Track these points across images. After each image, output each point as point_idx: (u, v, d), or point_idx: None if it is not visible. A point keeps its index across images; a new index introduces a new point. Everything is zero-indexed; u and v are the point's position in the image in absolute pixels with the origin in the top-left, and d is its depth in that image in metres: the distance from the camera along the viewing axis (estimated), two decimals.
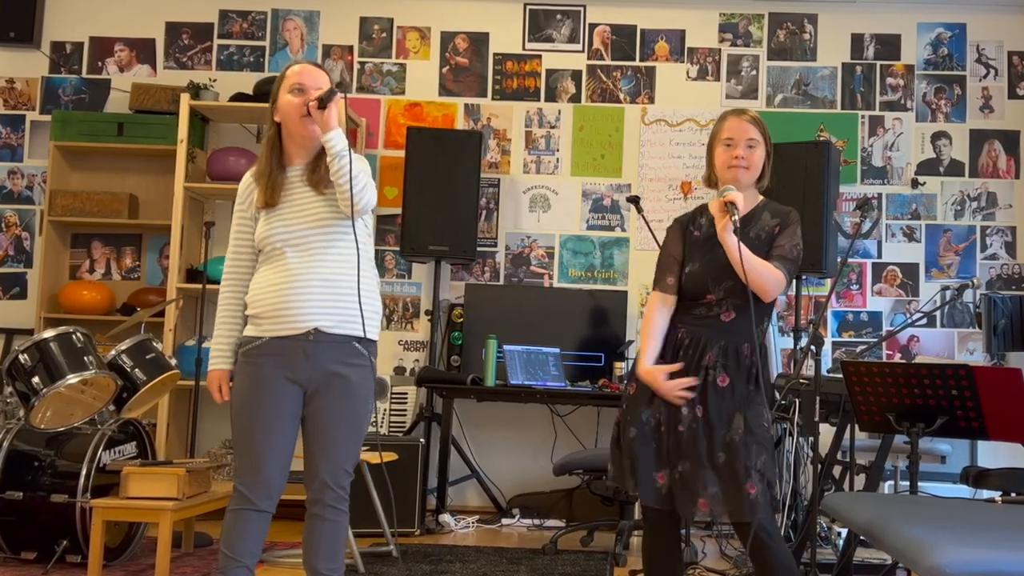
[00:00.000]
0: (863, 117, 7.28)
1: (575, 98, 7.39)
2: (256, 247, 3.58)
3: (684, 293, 3.70)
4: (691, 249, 3.72)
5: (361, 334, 3.51)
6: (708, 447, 3.50)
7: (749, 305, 3.55)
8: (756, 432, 3.52)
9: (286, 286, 3.46)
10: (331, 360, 3.47)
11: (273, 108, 3.58)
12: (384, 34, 7.47)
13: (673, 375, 3.58)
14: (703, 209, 3.80)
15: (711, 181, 3.80)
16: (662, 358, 3.66)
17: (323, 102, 3.44)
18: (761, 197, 3.76)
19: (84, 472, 4.80)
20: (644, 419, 3.62)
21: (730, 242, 3.52)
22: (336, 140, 3.43)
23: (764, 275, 3.54)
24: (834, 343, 7.12)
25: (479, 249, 7.10)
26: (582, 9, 7.43)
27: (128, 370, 5.25)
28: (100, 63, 7.47)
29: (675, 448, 3.53)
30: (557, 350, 6.69)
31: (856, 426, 4.97)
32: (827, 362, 6.85)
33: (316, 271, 3.47)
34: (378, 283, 3.68)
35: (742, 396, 3.54)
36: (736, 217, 3.50)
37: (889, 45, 7.32)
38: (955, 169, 7.22)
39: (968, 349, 7.06)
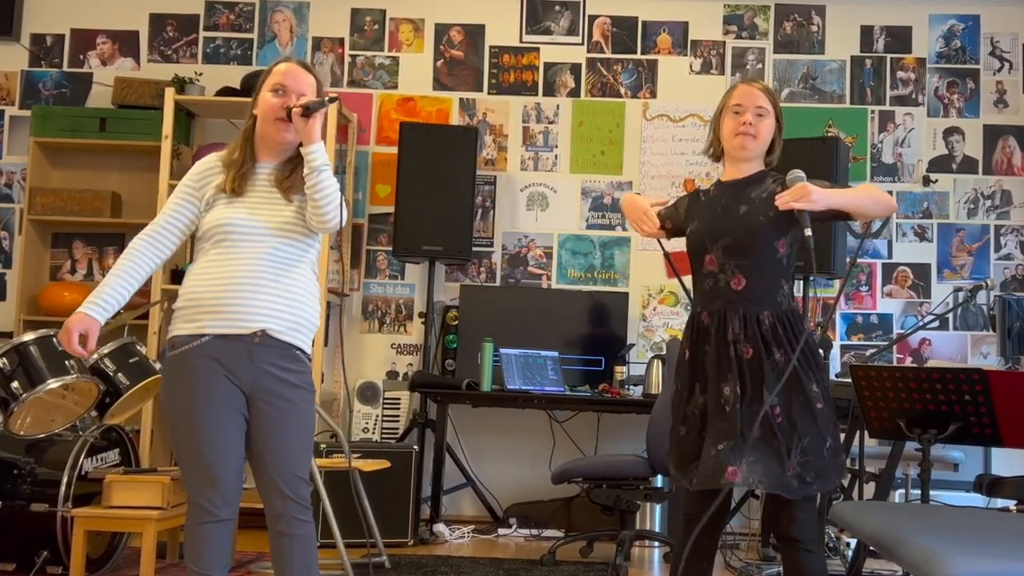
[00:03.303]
0: (873, 112, 7.29)
1: (574, 92, 7.39)
2: (201, 234, 3.51)
3: (690, 256, 3.70)
4: (696, 210, 3.72)
5: (304, 346, 3.51)
6: (742, 421, 3.46)
7: (752, 265, 3.53)
8: (798, 408, 3.46)
9: (237, 282, 3.41)
10: (274, 365, 3.43)
11: (255, 101, 3.56)
12: (376, 26, 7.47)
13: (710, 351, 3.58)
14: (716, 183, 3.78)
15: (715, 153, 3.76)
16: (690, 346, 3.67)
17: (309, 111, 3.41)
18: (764, 167, 3.73)
19: (65, 480, 4.80)
20: (689, 413, 3.62)
21: (834, 200, 3.41)
22: (318, 154, 3.41)
23: (874, 196, 3.50)
24: (843, 346, 7.12)
25: (475, 249, 7.10)
26: (582, 0, 7.43)
27: (111, 374, 5.24)
28: (82, 56, 7.47)
29: (718, 427, 3.49)
30: (556, 354, 6.69)
31: (866, 432, 4.98)
32: (835, 366, 6.86)
33: (271, 273, 3.44)
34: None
35: (775, 367, 3.49)
36: (808, 232, 3.40)
37: (900, 37, 7.32)
38: (968, 166, 7.23)
39: (982, 352, 7.06)
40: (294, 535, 3.45)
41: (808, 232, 3.40)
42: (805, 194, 3.36)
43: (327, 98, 3.45)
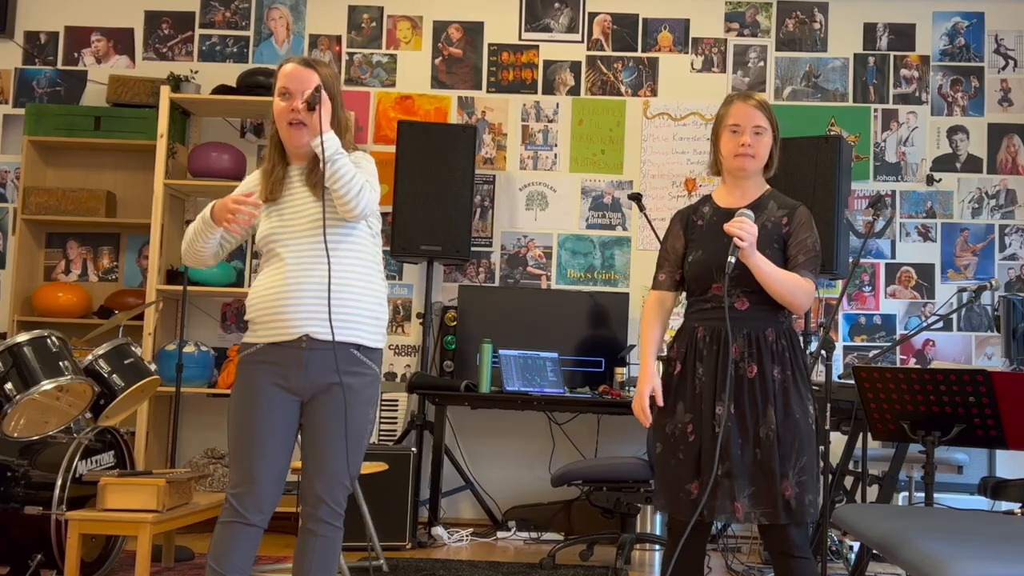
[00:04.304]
0: (876, 111, 7.29)
1: (574, 91, 7.39)
2: (257, 248, 3.63)
3: (690, 284, 3.74)
4: (695, 237, 3.74)
5: (362, 340, 3.52)
6: (743, 445, 3.52)
7: (759, 291, 3.57)
8: (795, 427, 3.52)
9: (280, 290, 3.48)
10: (327, 369, 3.46)
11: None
12: (374, 23, 7.47)
13: (704, 371, 3.61)
14: (707, 199, 3.82)
15: (716, 169, 3.81)
16: (682, 361, 3.67)
17: (310, 105, 3.43)
18: (767, 187, 3.78)
19: (59, 483, 4.79)
20: (668, 431, 3.64)
21: (755, 261, 3.52)
22: (327, 146, 3.43)
23: (792, 289, 3.57)
24: (846, 347, 7.12)
25: (473, 249, 7.10)
26: None
27: (105, 376, 5.24)
28: (76, 54, 7.47)
29: (712, 451, 3.52)
30: (555, 355, 6.69)
31: (869, 434, 4.98)
32: (838, 367, 6.85)
33: (312, 275, 3.47)
34: (385, 288, 3.66)
35: (774, 385, 3.55)
36: (732, 260, 3.49)
37: (903, 35, 7.32)
38: (972, 165, 7.23)
39: (986, 354, 7.07)
40: (320, 535, 3.50)
41: (731, 260, 3.49)
42: (749, 236, 3.48)
43: (315, 86, 3.47)
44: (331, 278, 3.46)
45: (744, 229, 3.48)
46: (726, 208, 3.72)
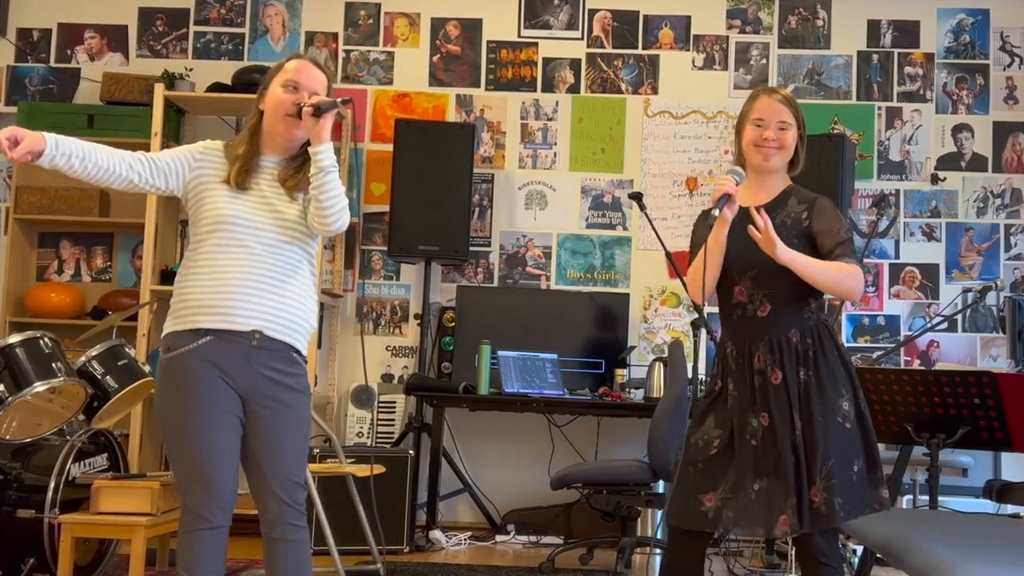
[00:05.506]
0: (880, 109, 7.29)
1: (574, 88, 7.39)
2: (196, 220, 3.50)
3: (716, 288, 3.67)
4: None
5: (301, 347, 3.52)
6: (776, 456, 3.45)
7: (781, 292, 3.52)
8: (820, 429, 3.42)
9: (235, 281, 3.41)
10: (272, 368, 3.44)
11: (261, 96, 3.55)
12: (371, 20, 7.47)
13: (734, 385, 3.57)
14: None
15: (740, 162, 3.76)
16: (720, 379, 3.64)
17: (320, 111, 3.40)
18: (790, 182, 3.74)
19: (52, 486, 4.79)
20: (693, 441, 3.60)
21: (787, 258, 3.43)
22: (326, 155, 3.41)
23: (838, 278, 3.49)
24: (849, 348, 7.11)
25: (472, 249, 7.09)
26: None
27: (99, 377, 5.23)
28: (69, 51, 7.47)
29: (750, 464, 3.47)
30: (555, 356, 6.69)
31: None
32: None
33: (271, 273, 3.44)
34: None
35: (799, 388, 3.48)
36: (715, 211, 3.43)
37: (907, 32, 7.32)
38: (977, 164, 7.23)
39: (991, 355, 7.07)
40: (289, 540, 3.44)
41: (715, 212, 3.43)
42: (770, 246, 3.41)
43: (340, 99, 3.45)
44: (289, 281, 3.48)
45: (767, 243, 3.41)
46: (746, 206, 3.69)
